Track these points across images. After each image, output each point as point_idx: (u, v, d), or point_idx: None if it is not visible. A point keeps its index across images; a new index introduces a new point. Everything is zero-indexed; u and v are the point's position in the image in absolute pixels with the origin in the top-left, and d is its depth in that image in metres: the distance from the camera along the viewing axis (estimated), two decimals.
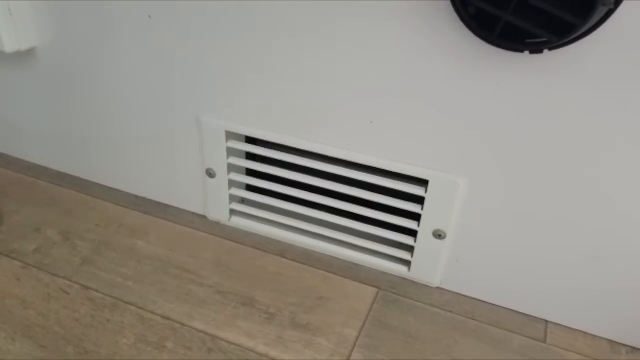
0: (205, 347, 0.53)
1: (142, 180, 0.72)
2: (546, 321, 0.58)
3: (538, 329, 0.57)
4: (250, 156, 0.66)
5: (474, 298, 0.61)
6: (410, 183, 0.57)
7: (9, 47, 0.62)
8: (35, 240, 0.65)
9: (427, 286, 0.62)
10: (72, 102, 0.69)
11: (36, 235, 0.66)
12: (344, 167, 0.59)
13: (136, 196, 0.74)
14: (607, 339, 0.56)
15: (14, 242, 0.65)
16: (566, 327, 0.58)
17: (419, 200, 0.57)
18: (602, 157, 0.47)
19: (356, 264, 0.64)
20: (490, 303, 0.60)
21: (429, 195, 0.55)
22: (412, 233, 0.60)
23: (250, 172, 0.67)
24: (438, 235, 0.57)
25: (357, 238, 0.63)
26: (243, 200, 0.70)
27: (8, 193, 0.73)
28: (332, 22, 0.49)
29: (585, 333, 0.57)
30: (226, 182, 0.65)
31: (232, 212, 0.69)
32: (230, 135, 0.62)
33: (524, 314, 0.59)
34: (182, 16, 0.55)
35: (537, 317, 0.58)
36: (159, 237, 0.67)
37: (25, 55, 0.67)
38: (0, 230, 0.67)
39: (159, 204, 0.73)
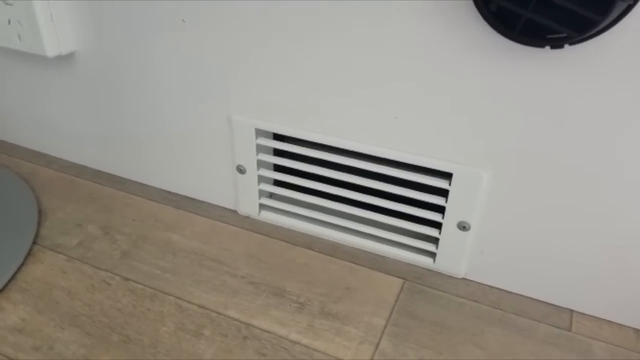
0: (240, 334, 0.55)
1: (175, 177, 0.75)
2: (571, 310, 0.59)
3: (563, 318, 0.58)
4: (278, 152, 0.68)
5: (499, 288, 0.62)
6: (435, 176, 0.58)
7: (51, 51, 0.66)
8: (78, 235, 0.69)
9: (453, 277, 0.63)
10: (109, 104, 0.72)
11: (78, 231, 0.70)
12: (369, 161, 0.61)
13: (170, 192, 0.77)
14: (633, 328, 0.57)
15: (58, 237, 0.69)
16: (592, 316, 0.58)
17: (444, 193, 0.58)
18: (623, 148, 0.47)
19: (382, 256, 0.66)
20: (515, 293, 0.61)
21: (453, 188, 0.57)
22: (437, 225, 0.61)
23: (278, 168, 0.69)
24: (462, 227, 0.59)
25: (382, 231, 0.65)
26: (271, 195, 0.72)
27: (50, 191, 0.78)
28: (357, 21, 0.51)
29: (610, 322, 0.58)
30: (256, 178, 0.68)
31: (262, 206, 0.71)
32: (259, 132, 0.65)
33: (549, 303, 0.60)
34: (214, 20, 0.57)
35: (562, 307, 0.59)
36: (193, 231, 0.70)
37: (65, 60, 0.70)
38: (44, 226, 0.71)
39: (191, 199, 0.76)
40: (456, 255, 0.61)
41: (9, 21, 0.65)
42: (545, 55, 0.45)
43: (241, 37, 0.57)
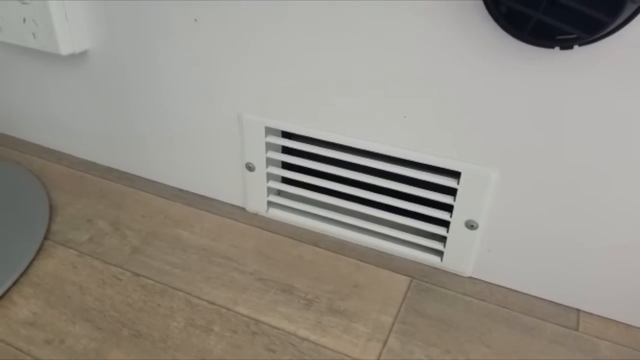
0: (249, 330, 0.56)
1: (185, 175, 0.76)
2: (578, 310, 0.59)
3: (570, 317, 0.58)
4: (287, 150, 0.69)
5: (506, 287, 0.62)
6: (443, 175, 0.58)
7: (65, 50, 0.67)
8: (88, 231, 0.70)
9: (460, 276, 0.64)
10: (121, 101, 0.73)
11: (89, 226, 0.71)
12: (377, 160, 0.61)
13: (179, 189, 0.78)
14: None
15: (69, 232, 0.70)
16: (599, 316, 0.59)
17: (452, 191, 0.58)
18: (630, 149, 0.48)
19: (389, 254, 0.67)
20: (522, 292, 0.61)
21: (462, 187, 0.57)
22: (445, 224, 0.61)
23: (287, 166, 0.70)
24: (470, 225, 0.59)
25: (390, 229, 0.65)
26: (280, 193, 0.73)
27: (61, 187, 0.78)
28: (367, 22, 0.51)
29: (618, 322, 0.58)
30: (265, 176, 0.69)
31: (270, 204, 0.72)
32: (269, 130, 0.65)
33: (556, 303, 0.60)
34: (225, 20, 0.58)
35: (569, 306, 0.60)
36: (202, 228, 0.71)
37: (78, 58, 0.71)
38: (55, 222, 0.72)
39: (201, 196, 0.77)
40: (464, 253, 0.62)
41: (24, 20, 0.66)
42: (555, 55, 0.46)
43: (251, 36, 0.58)
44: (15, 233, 0.68)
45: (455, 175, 0.58)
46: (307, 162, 0.66)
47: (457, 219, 0.59)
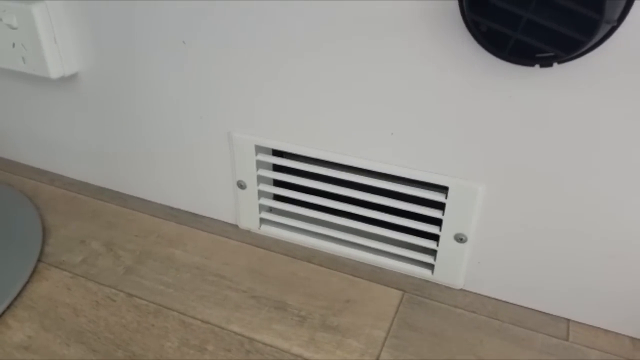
0: (243, 349, 0.56)
1: (177, 193, 0.77)
2: (568, 320, 0.60)
3: (560, 327, 0.59)
4: (278, 168, 0.70)
5: (496, 299, 0.63)
6: (431, 190, 0.59)
7: (55, 73, 0.67)
8: (82, 252, 0.70)
9: (451, 288, 0.64)
10: (111, 122, 0.74)
11: (82, 247, 0.71)
12: (367, 176, 0.62)
13: (171, 208, 0.78)
14: (629, 337, 0.58)
15: (62, 254, 0.70)
16: (588, 325, 0.59)
17: (440, 206, 0.59)
18: (612, 162, 0.49)
19: (381, 268, 0.67)
20: (512, 303, 0.62)
21: (450, 201, 0.58)
22: (435, 237, 0.62)
23: (278, 183, 0.70)
24: (460, 239, 0.60)
25: (381, 243, 0.66)
26: (271, 210, 0.74)
27: (53, 208, 0.79)
28: (353, 42, 0.52)
29: (607, 331, 0.59)
30: (256, 193, 0.69)
31: (262, 221, 0.73)
32: (259, 149, 0.66)
33: (546, 313, 0.61)
34: (213, 42, 0.59)
35: (559, 316, 0.60)
36: (195, 246, 0.71)
37: (68, 80, 0.72)
38: (48, 244, 0.72)
39: (193, 215, 0.77)
40: (454, 266, 0.62)
41: (14, 44, 0.67)
42: (535, 73, 0.47)
43: (240, 57, 0.59)
44: (9, 256, 0.68)
45: (444, 190, 0.58)
46: (298, 179, 0.66)
47: (446, 233, 0.60)
